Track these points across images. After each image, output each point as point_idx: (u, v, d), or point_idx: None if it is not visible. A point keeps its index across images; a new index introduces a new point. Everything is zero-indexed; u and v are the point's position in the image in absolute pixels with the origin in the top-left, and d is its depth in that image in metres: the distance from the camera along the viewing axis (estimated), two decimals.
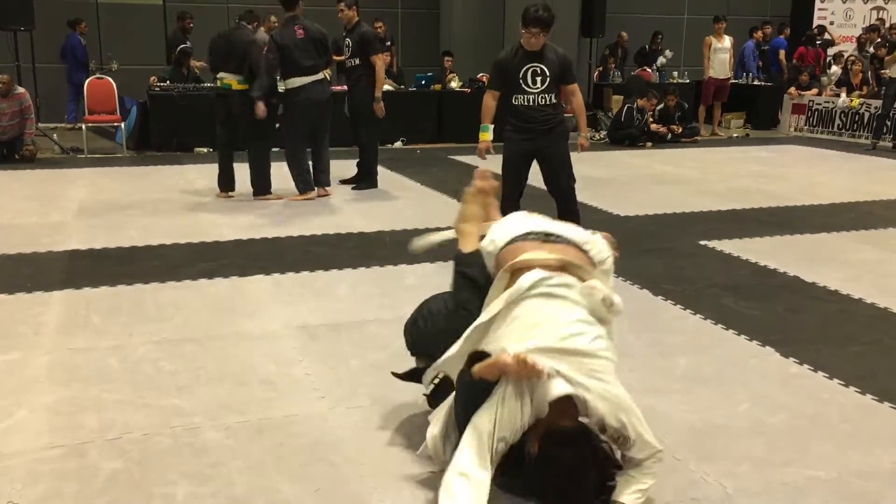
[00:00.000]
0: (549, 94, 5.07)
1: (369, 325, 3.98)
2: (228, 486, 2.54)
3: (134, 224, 6.08)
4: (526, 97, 5.06)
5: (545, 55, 5.01)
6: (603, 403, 2.29)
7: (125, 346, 3.67)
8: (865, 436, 2.93)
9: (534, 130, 5.11)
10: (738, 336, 3.91)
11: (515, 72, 5.02)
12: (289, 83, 6.95)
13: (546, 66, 5.01)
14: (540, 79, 5.01)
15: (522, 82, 5.02)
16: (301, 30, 6.93)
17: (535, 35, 4.89)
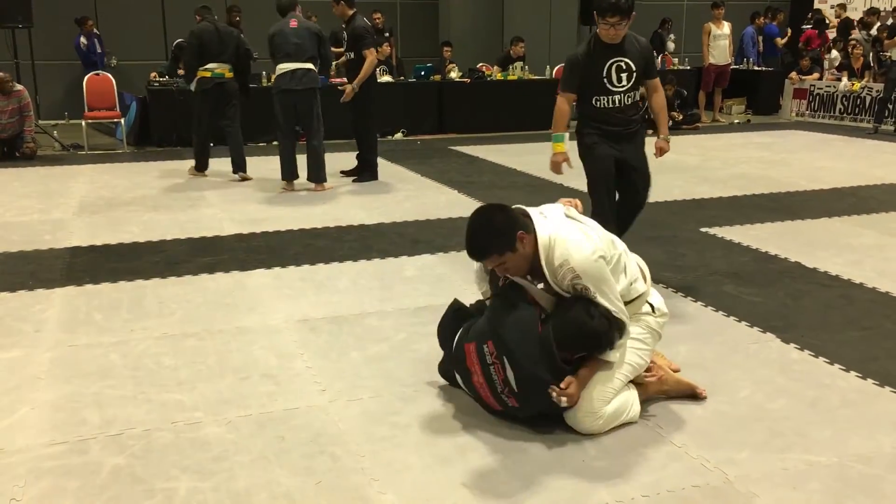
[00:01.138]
0: (634, 92, 4.33)
1: (370, 318, 3.99)
2: (230, 480, 2.55)
3: (135, 220, 6.09)
4: (610, 98, 4.28)
5: (627, 47, 4.25)
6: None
7: (126, 341, 3.68)
8: (866, 420, 2.92)
9: (619, 135, 4.38)
10: (739, 322, 3.91)
11: (596, 69, 4.24)
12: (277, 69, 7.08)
13: (631, 59, 4.24)
14: (626, 75, 4.25)
15: (606, 81, 4.24)
16: (294, 21, 7.07)
17: (614, 25, 4.12)
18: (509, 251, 2.77)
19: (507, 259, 2.79)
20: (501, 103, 11.30)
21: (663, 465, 2.62)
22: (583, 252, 2.74)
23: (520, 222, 2.80)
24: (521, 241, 2.77)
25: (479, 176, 7.99)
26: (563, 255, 2.74)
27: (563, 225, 2.84)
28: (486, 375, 2.82)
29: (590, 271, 2.73)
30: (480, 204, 3.22)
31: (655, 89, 4.45)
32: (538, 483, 2.52)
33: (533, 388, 2.75)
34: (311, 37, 7.08)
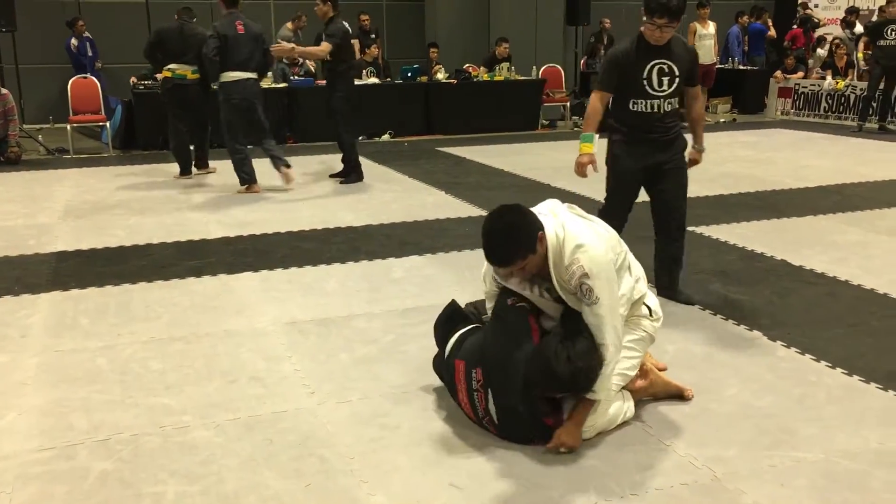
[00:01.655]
0: (674, 99, 4.03)
1: (358, 320, 3.99)
2: (219, 483, 2.54)
3: (121, 224, 6.06)
4: (649, 102, 3.97)
5: (673, 50, 3.94)
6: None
7: (113, 346, 3.66)
8: (852, 417, 2.95)
9: (654, 143, 4.07)
10: (727, 321, 3.93)
11: (637, 70, 3.93)
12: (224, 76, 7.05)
13: (675, 63, 3.94)
14: (668, 79, 3.94)
15: (647, 83, 3.93)
16: (241, 25, 7.07)
17: (661, 28, 3.80)
18: (531, 253, 2.68)
19: (529, 261, 2.70)
20: (488, 104, 11.32)
21: (652, 464, 2.63)
22: (595, 251, 2.67)
23: (537, 222, 2.71)
24: (541, 242, 2.69)
25: (466, 177, 8.00)
26: (573, 254, 2.67)
27: (571, 222, 2.77)
28: (470, 398, 2.82)
29: (600, 272, 2.65)
30: (468, 205, 3.22)
31: (696, 97, 4.21)
32: (527, 483, 2.53)
33: (514, 422, 2.74)
34: (256, 43, 7.15)
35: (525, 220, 2.71)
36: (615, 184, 4.21)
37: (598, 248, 2.69)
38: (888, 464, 2.62)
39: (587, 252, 2.66)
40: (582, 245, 2.67)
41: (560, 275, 2.71)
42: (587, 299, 2.67)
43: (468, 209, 6.48)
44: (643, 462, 2.64)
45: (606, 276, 2.67)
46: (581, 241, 2.68)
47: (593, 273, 2.64)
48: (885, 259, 4.93)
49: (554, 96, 12.27)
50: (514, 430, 2.76)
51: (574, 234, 2.71)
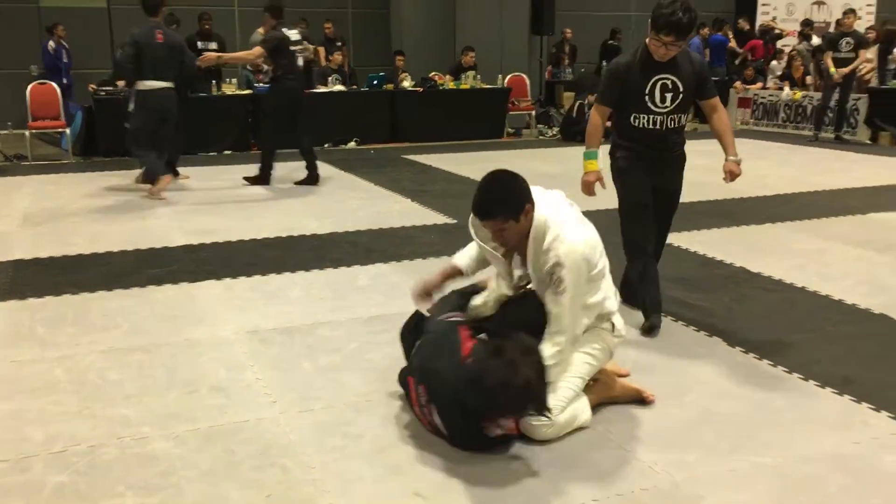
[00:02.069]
0: (679, 115, 3.83)
1: (322, 328, 3.96)
2: (177, 495, 2.50)
3: (80, 231, 5.97)
4: (651, 118, 3.79)
5: (679, 64, 3.74)
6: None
7: (71, 356, 3.60)
8: (809, 422, 3.00)
9: (657, 159, 3.91)
10: (687, 327, 3.98)
11: (639, 84, 3.76)
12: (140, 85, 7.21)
13: (679, 78, 3.74)
14: (671, 95, 3.75)
15: (648, 99, 3.76)
16: (161, 35, 7.17)
17: (668, 45, 3.62)
18: (513, 219, 2.77)
19: (509, 227, 2.79)
20: (454, 112, 11.36)
21: (613, 470, 2.65)
22: (574, 244, 2.76)
23: (530, 196, 2.80)
24: (526, 215, 2.78)
25: (432, 184, 8.01)
26: (552, 240, 2.75)
27: (562, 210, 2.87)
28: (423, 413, 2.85)
29: (573, 265, 2.73)
30: (434, 213, 3.23)
31: (714, 109, 3.92)
32: (490, 491, 2.53)
33: (461, 435, 2.75)
34: (174, 53, 7.28)
35: (519, 186, 2.81)
36: (627, 199, 3.96)
37: (578, 244, 2.77)
38: (843, 467, 2.66)
39: (566, 243, 2.75)
40: (563, 235, 2.76)
41: (537, 256, 2.79)
42: (554, 287, 2.75)
43: (434, 217, 6.48)
44: (604, 468, 2.66)
45: (577, 271, 2.75)
46: (564, 232, 2.77)
47: (566, 264, 2.73)
48: (841, 266, 5.03)
49: (519, 105, 12.35)
50: (464, 443, 2.75)
51: (560, 224, 2.80)
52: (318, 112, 10.52)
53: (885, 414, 3.04)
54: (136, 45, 7.07)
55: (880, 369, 3.47)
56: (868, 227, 6.11)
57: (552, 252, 2.75)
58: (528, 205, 2.79)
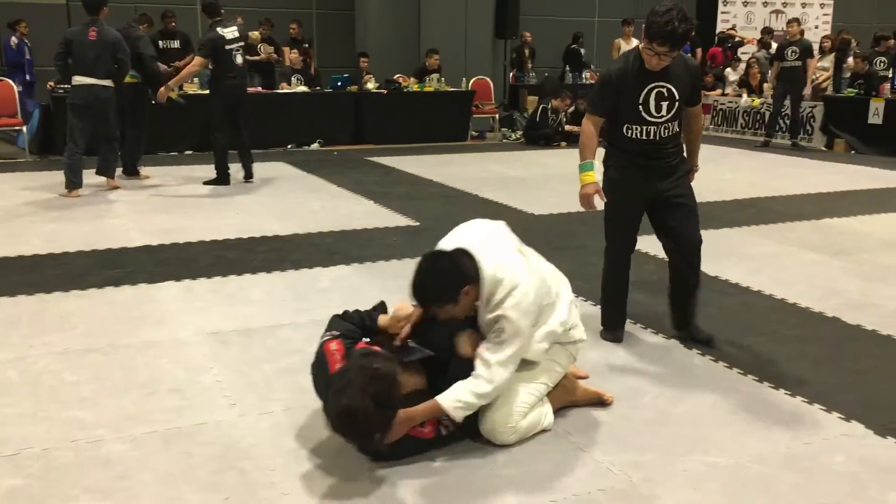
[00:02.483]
0: (674, 123, 3.66)
1: (283, 330, 3.94)
2: (133, 499, 2.48)
3: (36, 231, 5.86)
4: (645, 129, 3.61)
5: (673, 71, 3.55)
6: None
7: (25, 357, 3.54)
8: (763, 422, 3.06)
9: (653, 170, 3.70)
10: (645, 330, 4.03)
11: (632, 93, 3.57)
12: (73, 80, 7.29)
13: (675, 86, 3.57)
14: (667, 104, 3.58)
15: (643, 108, 3.58)
16: (95, 32, 7.25)
17: (662, 56, 3.43)
18: (451, 303, 2.72)
19: (446, 310, 2.74)
20: (418, 115, 11.37)
21: (570, 471, 2.68)
22: (523, 299, 2.70)
23: (469, 275, 2.69)
24: (466, 295, 2.71)
25: (395, 187, 8.01)
26: (504, 296, 2.70)
27: (505, 257, 2.80)
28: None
29: (518, 322, 2.69)
30: (397, 215, 3.23)
31: (696, 116, 3.83)
32: (448, 492, 2.54)
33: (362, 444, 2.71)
34: (106, 49, 7.28)
35: (455, 271, 2.70)
36: (614, 215, 3.83)
37: (528, 297, 2.72)
38: (795, 467, 2.73)
39: (516, 298, 2.70)
40: (515, 289, 2.70)
41: (484, 313, 2.76)
42: (495, 337, 2.72)
43: (397, 219, 6.48)
44: (562, 468, 2.69)
45: (522, 330, 2.71)
46: (514, 285, 2.71)
47: (513, 319, 2.68)
48: (796, 270, 5.14)
49: (483, 108, 12.40)
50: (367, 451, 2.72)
51: (510, 277, 2.72)
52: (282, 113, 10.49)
53: (835, 415, 3.12)
54: (66, 42, 7.22)
55: (832, 371, 3.55)
56: (822, 232, 6.25)
57: (500, 306, 2.70)
58: (468, 287, 2.69)
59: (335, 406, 2.46)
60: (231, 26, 7.90)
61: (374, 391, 2.43)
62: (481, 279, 2.71)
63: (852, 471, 2.71)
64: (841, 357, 3.74)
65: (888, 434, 2.96)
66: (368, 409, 2.41)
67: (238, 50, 7.87)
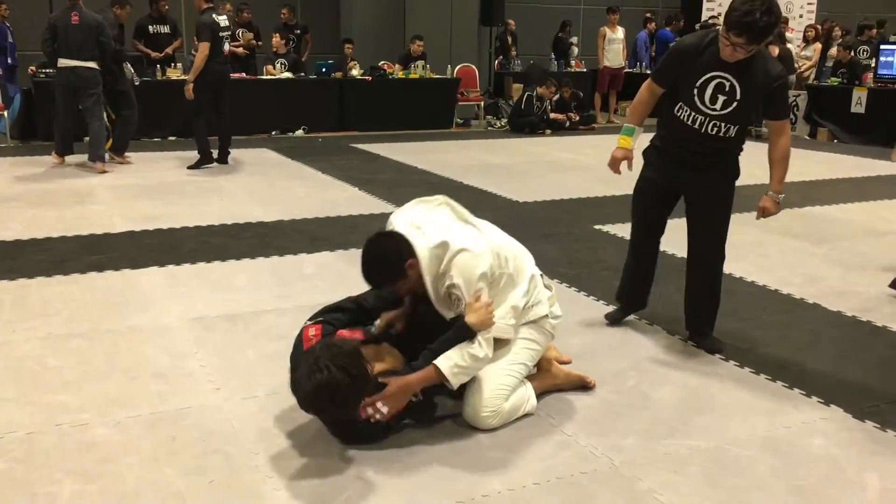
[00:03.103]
0: (730, 126, 3.35)
1: (267, 315, 3.94)
2: (117, 482, 2.48)
3: (18, 216, 5.82)
4: (694, 116, 3.37)
5: (748, 68, 3.24)
6: None
7: (7, 342, 3.52)
8: (742, 406, 3.10)
9: (683, 160, 3.49)
10: (629, 315, 4.06)
11: (693, 75, 3.33)
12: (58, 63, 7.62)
13: (741, 83, 3.26)
14: (723, 99, 3.29)
15: (697, 94, 3.33)
16: (76, 16, 7.55)
17: (737, 47, 3.15)
18: (401, 280, 2.76)
19: (400, 286, 2.80)
20: (403, 101, 11.34)
21: (554, 454, 2.71)
22: (466, 260, 2.72)
23: (407, 252, 2.73)
24: (412, 268, 2.74)
25: (379, 173, 8.00)
26: (446, 265, 2.72)
27: (454, 233, 2.80)
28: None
29: (466, 281, 2.71)
30: (381, 201, 3.23)
31: (779, 133, 3.39)
32: (433, 474, 2.56)
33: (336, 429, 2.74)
34: (89, 33, 7.56)
35: (395, 248, 2.75)
36: (634, 196, 3.74)
37: (471, 259, 2.73)
38: (774, 450, 2.76)
39: (458, 263, 2.71)
40: (455, 257, 2.72)
41: (435, 286, 2.77)
42: (455, 308, 2.75)
43: (381, 206, 6.48)
44: (545, 452, 2.71)
45: (472, 286, 2.72)
46: (455, 253, 2.72)
47: (459, 282, 2.71)
48: (777, 258, 5.19)
49: (468, 95, 12.39)
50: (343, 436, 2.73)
51: (451, 247, 2.73)
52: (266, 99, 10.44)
53: (815, 399, 3.16)
54: (51, 27, 7.52)
55: (812, 357, 3.60)
56: (804, 220, 6.30)
57: (447, 275, 2.72)
58: (410, 260, 2.73)
59: (305, 384, 2.48)
60: (222, 15, 8.05)
61: (339, 363, 2.46)
62: (419, 253, 2.74)
63: (831, 454, 2.75)
64: (821, 343, 3.79)
65: (866, 418, 3.01)
66: (336, 379, 2.44)
67: (227, 38, 8.06)
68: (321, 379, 2.44)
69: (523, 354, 2.95)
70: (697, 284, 3.70)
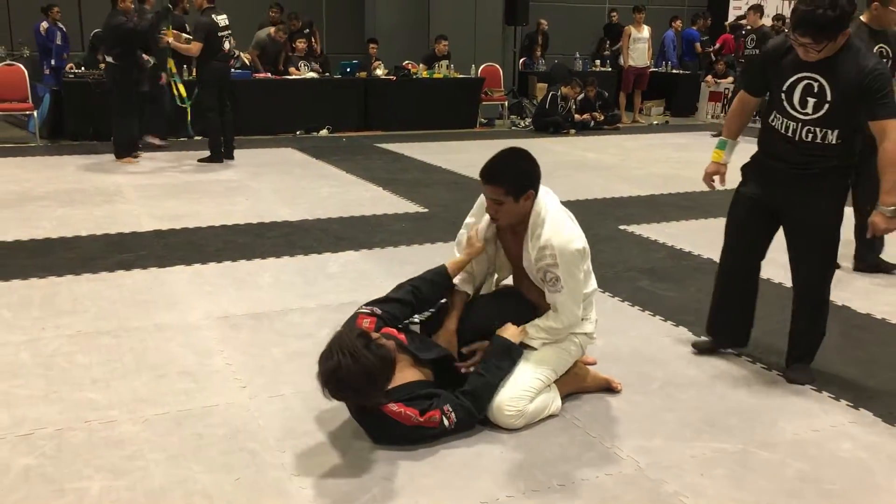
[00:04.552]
0: (824, 130, 3.03)
1: (292, 314, 3.97)
2: (145, 478, 2.51)
3: (47, 215, 5.89)
4: (786, 122, 3.11)
5: (836, 66, 2.96)
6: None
7: (38, 339, 3.57)
8: (770, 409, 3.07)
9: (778, 174, 3.19)
10: (654, 317, 4.04)
11: (780, 78, 3.09)
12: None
13: (831, 83, 2.98)
14: (813, 102, 3.01)
15: (785, 98, 3.08)
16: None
17: (807, 47, 2.92)
18: (513, 196, 2.86)
19: (507, 202, 2.88)
20: (427, 101, 11.34)
21: (578, 455, 2.70)
22: (567, 238, 2.87)
23: (536, 183, 2.93)
24: (527, 199, 2.89)
25: (403, 173, 8.01)
26: (548, 236, 2.85)
27: (556, 208, 2.97)
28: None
29: (567, 259, 2.84)
30: (405, 201, 3.24)
31: (881, 135, 2.95)
32: (457, 475, 2.56)
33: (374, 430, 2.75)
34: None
35: (527, 167, 2.93)
36: (728, 216, 3.45)
37: (570, 237, 2.88)
38: (802, 454, 2.73)
39: (562, 238, 2.85)
40: (561, 230, 2.87)
41: (535, 251, 2.89)
42: (551, 286, 2.88)
43: (405, 205, 6.49)
44: (570, 453, 2.71)
45: (573, 265, 2.86)
46: (561, 227, 2.88)
47: (560, 263, 2.84)
48: None
49: (492, 95, 12.36)
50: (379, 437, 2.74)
51: (553, 217, 2.90)
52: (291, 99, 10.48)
53: (843, 402, 3.12)
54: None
55: (841, 360, 3.55)
56: None
57: (548, 249, 2.84)
58: (532, 190, 2.90)
59: (320, 370, 2.56)
60: (222, 14, 8.24)
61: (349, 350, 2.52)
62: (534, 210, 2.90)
63: (859, 458, 2.72)
64: (851, 346, 3.74)
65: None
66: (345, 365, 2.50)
67: (227, 37, 8.25)
68: (330, 366, 2.53)
69: (554, 361, 2.98)
70: (799, 315, 3.33)
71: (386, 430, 2.69)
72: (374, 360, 2.53)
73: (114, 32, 7.88)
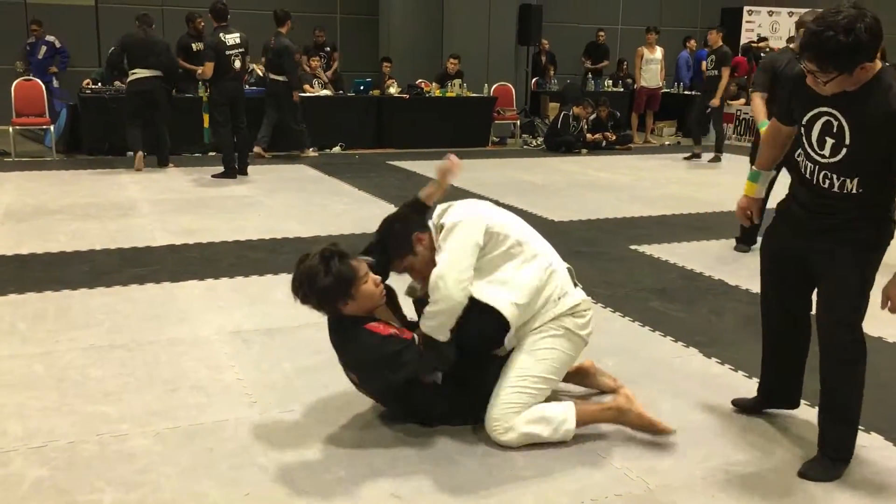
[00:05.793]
0: (845, 179, 2.55)
1: (304, 330, 3.98)
2: (156, 491, 2.52)
3: (62, 229, 5.95)
4: (805, 163, 2.68)
5: (859, 101, 2.48)
6: None
7: (51, 352, 3.60)
8: (783, 431, 3.05)
9: (798, 218, 2.74)
10: (665, 337, 4.03)
11: (802, 110, 2.66)
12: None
13: (850, 122, 2.50)
14: (831, 143, 2.55)
15: (804, 134, 2.65)
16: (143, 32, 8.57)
17: (816, 75, 2.47)
18: (410, 255, 2.93)
19: (411, 262, 2.95)
20: (439, 119, 11.41)
21: (588, 475, 2.70)
22: (464, 211, 2.91)
23: (417, 225, 2.96)
24: (421, 243, 2.93)
25: (416, 190, 7.90)
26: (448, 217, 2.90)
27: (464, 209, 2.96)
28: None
29: (460, 226, 2.84)
30: None
31: None
32: (467, 492, 2.57)
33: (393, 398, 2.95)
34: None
35: (401, 226, 3.00)
36: (761, 256, 2.98)
37: (471, 210, 2.92)
38: None
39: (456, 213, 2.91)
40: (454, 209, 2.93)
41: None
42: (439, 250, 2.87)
43: None
44: (579, 473, 2.70)
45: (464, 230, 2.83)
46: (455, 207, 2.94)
47: (452, 227, 2.85)
48: None
49: (504, 114, 12.42)
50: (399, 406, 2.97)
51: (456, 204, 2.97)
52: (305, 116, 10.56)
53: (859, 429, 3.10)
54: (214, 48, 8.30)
55: None
56: None
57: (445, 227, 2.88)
58: (417, 233, 2.93)
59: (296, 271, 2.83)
60: (234, 32, 8.41)
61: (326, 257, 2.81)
62: (430, 227, 2.95)
63: (871, 481, 2.70)
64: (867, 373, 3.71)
65: None
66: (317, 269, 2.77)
67: (238, 55, 8.42)
68: (304, 266, 2.79)
69: (537, 367, 2.86)
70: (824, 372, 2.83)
71: (358, 340, 2.82)
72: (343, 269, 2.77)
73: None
